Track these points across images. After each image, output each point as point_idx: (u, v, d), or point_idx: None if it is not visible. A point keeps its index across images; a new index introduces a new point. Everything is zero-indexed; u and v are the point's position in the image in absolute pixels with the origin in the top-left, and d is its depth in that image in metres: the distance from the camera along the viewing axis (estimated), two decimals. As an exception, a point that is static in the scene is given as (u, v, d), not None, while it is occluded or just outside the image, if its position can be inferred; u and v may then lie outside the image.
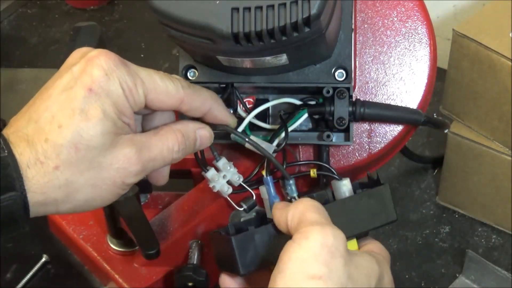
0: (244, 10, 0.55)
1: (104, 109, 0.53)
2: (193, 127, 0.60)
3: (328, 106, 0.69)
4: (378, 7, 0.74)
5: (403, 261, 1.34)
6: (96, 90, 0.53)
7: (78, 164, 0.52)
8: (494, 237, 1.38)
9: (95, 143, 0.52)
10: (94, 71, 0.53)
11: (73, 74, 0.54)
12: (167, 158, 0.58)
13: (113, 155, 0.54)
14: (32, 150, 0.51)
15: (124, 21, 2.01)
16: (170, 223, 0.82)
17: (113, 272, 0.84)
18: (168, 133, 0.58)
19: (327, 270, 0.52)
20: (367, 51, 0.74)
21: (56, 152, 0.52)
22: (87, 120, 0.52)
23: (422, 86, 0.74)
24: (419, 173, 1.51)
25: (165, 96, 0.57)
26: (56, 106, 0.53)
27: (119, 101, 0.54)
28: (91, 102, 0.53)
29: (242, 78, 0.70)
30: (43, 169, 0.51)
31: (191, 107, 0.60)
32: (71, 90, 0.53)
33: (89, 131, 0.52)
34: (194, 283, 0.78)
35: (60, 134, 0.52)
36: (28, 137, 0.52)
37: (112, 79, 0.54)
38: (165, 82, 0.58)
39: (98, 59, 0.54)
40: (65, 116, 0.52)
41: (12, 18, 2.06)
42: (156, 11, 0.58)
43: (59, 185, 0.52)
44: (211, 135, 0.62)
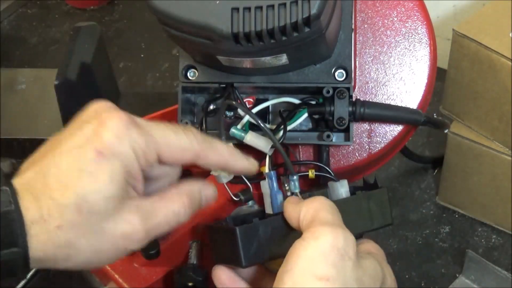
0: (244, 10, 0.55)
1: (112, 173, 0.52)
2: (198, 188, 0.59)
3: (328, 106, 0.69)
4: (378, 7, 0.74)
5: (403, 261, 1.34)
6: (105, 154, 0.52)
7: (81, 227, 0.52)
8: (494, 237, 1.38)
9: (99, 208, 0.52)
10: (105, 134, 0.53)
11: (84, 134, 0.54)
12: (172, 222, 0.57)
13: (116, 222, 0.53)
14: (37, 207, 0.51)
15: (124, 21, 2.02)
16: (170, 223, 0.82)
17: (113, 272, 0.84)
18: (174, 196, 0.57)
19: (335, 271, 0.52)
20: (367, 51, 0.74)
21: (60, 212, 0.51)
22: (93, 183, 0.52)
23: (422, 86, 0.74)
24: (419, 173, 1.52)
25: (179, 152, 0.57)
26: (64, 164, 0.52)
27: (129, 164, 0.54)
28: (99, 165, 0.52)
29: (242, 78, 0.70)
30: (46, 226, 0.51)
31: (207, 161, 0.59)
32: (80, 149, 0.53)
33: (94, 195, 0.52)
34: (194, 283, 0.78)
35: (64, 194, 0.51)
36: (34, 192, 0.52)
37: (123, 142, 0.53)
38: (179, 137, 0.57)
39: (110, 122, 0.54)
40: (72, 177, 0.52)
41: (12, 18, 2.06)
42: (156, 11, 0.58)
43: (59, 244, 0.52)
44: (215, 194, 0.61)
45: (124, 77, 1.81)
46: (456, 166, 1.35)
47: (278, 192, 0.68)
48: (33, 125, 1.52)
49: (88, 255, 0.53)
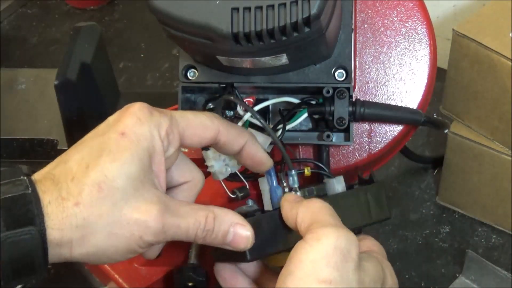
0: (244, 10, 0.55)
1: (134, 153, 0.52)
2: (230, 219, 0.57)
3: (328, 106, 0.69)
4: (378, 7, 0.74)
5: (403, 261, 1.34)
6: (128, 134, 0.53)
7: (99, 205, 0.51)
8: (494, 237, 1.38)
9: (119, 186, 0.52)
10: (127, 119, 0.54)
11: (107, 123, 0.55)
12: (191, 231, 0.55)
13: (135, 204, 0.52)
14: (56, 188, 0.51)
15: (124, 21, 2.02)
16: (170, 223, 0.82)
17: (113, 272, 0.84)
18: (201, 209, 0.57)
19: (338, 274, 0.52)
20: (367, 51, 0.74)
21: (79, 189, 0.51)
22: (113, 161, 0.52)
23: (422, 86, 0.74)
24: (419, 173, 1.52)
25: (202, 129, 0.57)
26: (87, 150, 0.53)
27: (152, 146, 0.54)
28: (121, 144, 0.52)
29: (242, 78, 0.70)
30: (63, 204, 0.51)
31: (228, 138, 0.59)
32: (104, 135, 0.53)
33: (113, 172, 0.51)
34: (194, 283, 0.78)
35: (86, 173, 0.51)
36: (54, 177, 0.52)
37: (146, 124, 0.54)
38: (199, 116, 0.58)
39: (132, 108, 0.55)
40: (93, 157, 0.52)
41: (12, 18, 2.06)
42: (156, 11, 0.58)
43: (76, 223, 0.51)
44: (248, 238, 0.58)
45: (124, 77, 1.81)
46: (456, 166, 1.35)
47: (277, 187, 0.68)
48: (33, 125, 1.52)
49: (102, 238, 0.52)
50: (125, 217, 0.52)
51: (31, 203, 0.50)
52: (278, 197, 0.66)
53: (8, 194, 0.50)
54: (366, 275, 0.54)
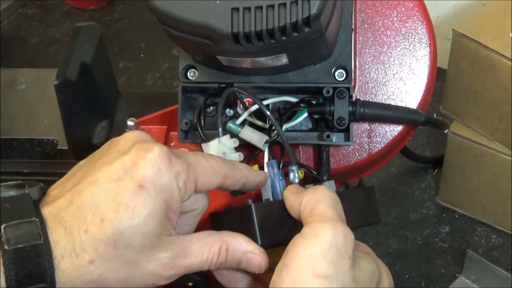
0: (244, 10, 0.55)
1: (152, 208, 0.51)
2: (244, 248, 0.57)
3: (328, 106, 0.69)
4: (378, 7, 0.74)
5: (403, 261, 1.34)
6: (147, 187, 0.51)
7: (114, 261, 0.51)
8: (494, 237, 1.38)
9: (136, 243, 0.51)
10: (147, 167, 0.51)
11: (123, 164, 0.52)
12: (204, 265, 0.56)
13: (150, 257, 0.52)
14: (69, 240, 0.50)
15: (124, 21, 2.01)
16: (170, 223, 0.82)
17: (113, 272, 0.84)
18: (212, 241, 0.56)
19: (333, 270, 0.52)
20: (367, 51, 0.74)
21: (94, 246, 0.50)
22: (131, 218, 0.50)
23: (422, 86, 0.74)
24: (419, 173, 1.52)
25: (212, 176, 0.57)
26: (101, 197, 0.51)
27: (170, 197, 0.52)
28: (139, 199, 0.51)
29: (242, 78, 0.70)
30: (78, 262, 0.50)
31: (233, 180, 0.59)
32: (120, 182, 0.51)
33: (131, 231, 0.50)
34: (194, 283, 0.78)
35: (101, 228, 0.50)
36: (66, 224, 0.50)
37: (166, 176, 0.52)
38: (210, 161, 0.57)
39: (151, 154, 0.52)
40: (110, 210, 0.50)
41: (12, 18, 2.06)
42: (156, 11, 0.58)
43: (91, 280, 0.50)
44: (261, 265, 0.58)
45: (124, 77, 1.81)
46: (456, 166, 1.35)
47: (281, 179, 0.68)
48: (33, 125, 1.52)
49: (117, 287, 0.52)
50: (140, 269, 0.52)
51: (42, 256, 0.48)
52: (281, 188, 0.66)
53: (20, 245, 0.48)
54: (362, 273, 0.54)
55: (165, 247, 0.53)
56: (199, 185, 0.56)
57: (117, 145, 0.54)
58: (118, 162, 0.52)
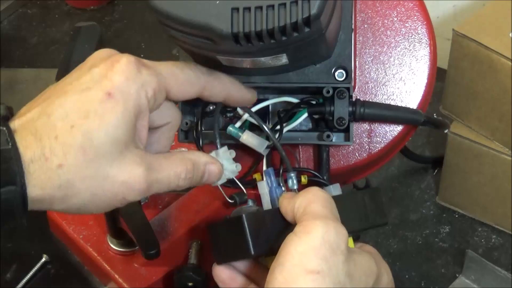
0: (244, 10, 0.55)
1: (121, 116, 0.52)
2: (204, 160, 0.60)
3: (328, 106, 0.69)
4: (378, 7, 0.74)
5: (403, 261, 1.34)
6: (114, 95, 0.52)
7: (83, 168, 0.51)
8: (494, 237, 1.38)
9: (104, 150, 0.51)
10: (115, 76, 0.53)
11: (93, 76, 0.53)
12: (173, 183, 0.57)
13: (120, 168, 0.53)
14: (39, 146, 0.51)
15: (124, 21, 2.02)
16: (170, 223, 0.82)
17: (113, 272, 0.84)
18: (179, 159, 0.58)
19: (326, 266, 0.52)
20: (367, 51, 0.74)
21: (64, 151, 0.51)
22: (100, 124, 0.51)
23: (422, 86, 0.74)
24: (419, 173, 1.52)
25: (187, 86, 0.58)
26: (71, 105, 0.52)
27: (138, 105, 0.53)
28: (107, 106, 0.52)
29: (242, 78, 0.70)
30: (47, 165, 0.50)
31: (212, 93, 0.60)
32: (89, 91, 0.52)
33: (99, 136, 0.51)
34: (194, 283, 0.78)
35: (71, 133, 0.51)
36: (36, 131, 0.51)
37: (133, 83, 0.53)
38: (186, 72, 0.58)
39: (119, 64, 0.53)
40: (79, 117, 0.51)
41: (12, 18, 2.06)
42: (156, 11, 0.57)
43: (59, 184, 0.51)
44: (220, 172, 0.62)
45: (124, 77, 1.81)
46: (456, 166, 1.35)
47: (277, 187, 0.68)
48: (33, 125, 1.52)
49: (85, 198, 0.52)
50: (110, 180, 0.52)
51: (10, 160, 0.49)
52: (278, 196, 0.66)
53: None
54: (357, 269, 0.54)
55: (135, 160, 0.53)
56: (172, 94, 0.57)
57: (86, 63, 0.55)
58: (87, 75, 0.53)
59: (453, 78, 1.27)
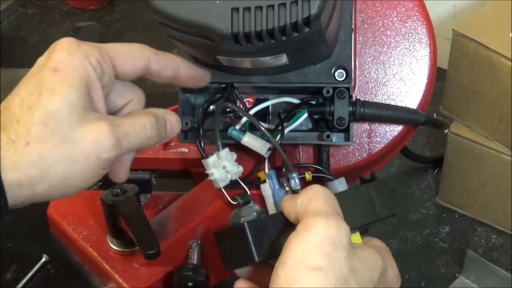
0: (244, 10, 0.55)
1: (71, 84, 0.54)
2: (162, 112, 0.62)
3: (328, 106, 0.69)
4: (378, 7, 0.74)
5: (403, 261, 1.34)
6: (61, 69, 0.55)
7: (49, 139, 0.53)
8: (494, 237, 1.38)
9: (63, 117, 0.53)
10: (57, 54, 0.56)
11: (39, 63, 0.57)
12: (141, 134, 0.58)
13: (84, 129, 0.54)
14: (4, 133, 0.53)
15: (124, 21, 2.01)
16: (170, 223, 0.82)
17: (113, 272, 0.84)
18: (139, 114, 0.60)
19: (328, 262, 0.52)
20: (367, 51, 0.74)
21: (26, 130, 0.53)
22: (53, 95, 0.53)
23: (422, 86, 0.74)
24: (419, 173, 1.51)
25: (132, 58, 0.59)
26: (25, 91, 0.55)
27: (86, 74, 0.55)
28: (56, 79, 0.54)
29: (242, 78, 0.70)
30: (14, 146, 0.52)
31: (160, 65, 0.61)
32: (37, 75, 0.55)
33: (55, 106, 0.53)
34: (194, 283, 0.78)
35: (29, 113, 0.53)
36: (1, 125, 0.53)
37: (76, 55, 0.56)
38: (129, 45, 0.60)
39: (59, 44, 0.57)
40: (33, 97, 0.54)
41: (12, 18, 2.06)
42: (156, 11, 0.58)
43: (32, 161, 0.52)
44: (178, 121, 0.63)
45: (124, 77, 1.81)
46: (456, 166, 1.35)
47: (280, 190, 0.68)
48: (33, 125, 1.52)
49: (61, 169, 0.53)
50: (78, 143, 0.54)
51: None
52: (280, 198, 0.66)
53: None
54: (360, 263, 0.54)
55: (97, 120, 0.55)
56: (118, 66, 0.59)
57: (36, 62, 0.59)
58: (34, 66, 0.57)
59: (453, 78, 1.27)
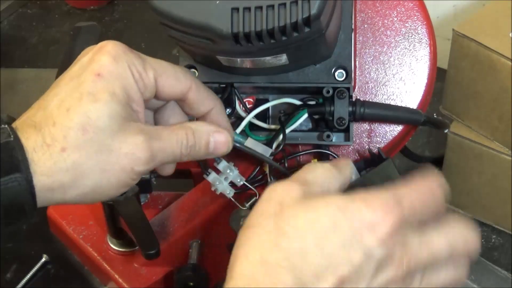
0: (244, 10, 0.55)
1: (113, 92, 0.53)
2: (207, 129, 0.59)
3: (328, 106, 0.69)
4: (378, 7, 0.74)
5: (403, 261, 1.34)
6: (104, 75, 0.53)
7: (86, 147, 0.52)
8: (494, 237, 1.38)
9: (103, 125, 0.52)
10: (102, 57, 0.54)
11: (82, 63, 0.55)
12: (177, 151, 0.57)
13: (121, 140, 0.53)
14: (39, 134, 0.51)
15: (124, 21, 2.02)
16: (170, 223, 0.82)
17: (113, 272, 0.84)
18: (178, 128, 0.58)
19: (258, 221, 0.49)
20: (367, 51, 0.74)
21: (64, 134, 0.51)
22: (94, 102, 0.52)
23: (422, 86, 0.74)
24: (419, 173, 1.51)
25: (174, 80, 0.58)
26: (64, 92, 0.53)
27: (128, 85, 0.54)
28: (99, 85, 0.53)
29: (242, 78, 0.70)
30: (49, 151, 0.51)
31: (198, 96, 0.60)
32: (79, 77, 0.53)
33: (96, 113, 0.52)
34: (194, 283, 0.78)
35: (67, 117, 0.52)
36: (36, 124, 0.52)
37: (120, 63, 0.54)
38: (175, 67, 0.59)
39: (106, 47, 0.55)
40: (73, 100, 0.52)
41: (12, 18, 2.06)
42: (156, 11, 0.58)
43: (66, 167, 0.51)
44: (228, 142, 0.60)
45: (124, 77, 1.81)
46: (456, 166, 1.35)
47: None
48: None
49: (95, 177, 0.53)
50: (114, 153, 0.53)
51: (14, 149, 0.50)
52: None
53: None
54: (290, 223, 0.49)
55: (135, 131, 0.54)
56: (160, 86, 0.57)
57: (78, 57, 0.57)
58: (76, 64, 0.55)
59: (453, 78, 1.27)
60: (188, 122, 0.60)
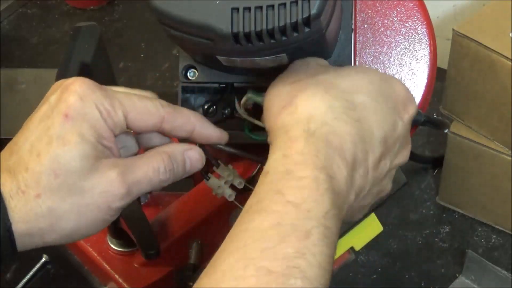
0: (244, 10, 0.55)
1: (81, 133, 0.53)
2: (181, 148, 0.59)
3: (328, 106, 0.69)
4: (378, 7, 0.74)
5: (403, 261, 1.34)
6: (72, 116, 0.53)
7: (59, 191, 0.52)
8: (494, 237, 1.38)
9: (74, 168, 0.52)
10: (69, 97, 0.54)
11: (49, 104, 0.54)
12: (154, 180, 0.56)
13: (94, 179, 0.53)
14: (13, 180, 0.52)
15: (124, 21, 2.02)
16: (170, 223, 0.82)
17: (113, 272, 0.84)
18: (153, 155, 0.57)
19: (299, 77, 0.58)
20: (367, 51, 0.74)
21: (36, 180, 0.52)
22: (64, 145, 0.52)
23: (422, 86, 0.74)
24: (419, 173, 1.52)
25: (145, 115, 0.57)
26: (34, 136, 0.53)
27: (96, 124, 0.54)
28: (67, 127, 0.53)
29: (242, 78, 0.70)
30: (25, 197, 0.51)
31: (173, 125, 0.59)
32: (48, 119, 0.53)
33: (66, 156, 0.52)
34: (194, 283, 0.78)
35: (39, 162, 0.52)
36: (10, 168, 0.52)
37: (87, 103, 0.54)
38: (144, 101, 0.57)
39: (73, 86, 0.54)
40: (43, 144, 0.52)
41: (12, 18, 2.06)
42: (156, 11, 0.58)
43: (42, 213, 0.52)
44: (201, 157, 0.61)
45: (124, 77, 1.81)
46: (456, 166, 1.35)
47: None
48: (33, 125, 1.52)
49: (72, 220, 0.53)
50: (88, 194, 0.53)
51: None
52: None
53: None
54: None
55: (108, 167, 0.54)
56: (130, 122, 0.56)
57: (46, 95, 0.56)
58: (45, 104, 0.55)
59: (453, 78, 1.27)
60: (162, 146, 0.59)
